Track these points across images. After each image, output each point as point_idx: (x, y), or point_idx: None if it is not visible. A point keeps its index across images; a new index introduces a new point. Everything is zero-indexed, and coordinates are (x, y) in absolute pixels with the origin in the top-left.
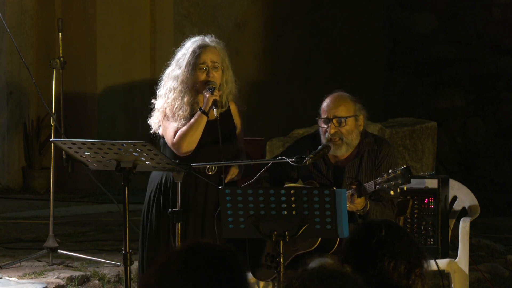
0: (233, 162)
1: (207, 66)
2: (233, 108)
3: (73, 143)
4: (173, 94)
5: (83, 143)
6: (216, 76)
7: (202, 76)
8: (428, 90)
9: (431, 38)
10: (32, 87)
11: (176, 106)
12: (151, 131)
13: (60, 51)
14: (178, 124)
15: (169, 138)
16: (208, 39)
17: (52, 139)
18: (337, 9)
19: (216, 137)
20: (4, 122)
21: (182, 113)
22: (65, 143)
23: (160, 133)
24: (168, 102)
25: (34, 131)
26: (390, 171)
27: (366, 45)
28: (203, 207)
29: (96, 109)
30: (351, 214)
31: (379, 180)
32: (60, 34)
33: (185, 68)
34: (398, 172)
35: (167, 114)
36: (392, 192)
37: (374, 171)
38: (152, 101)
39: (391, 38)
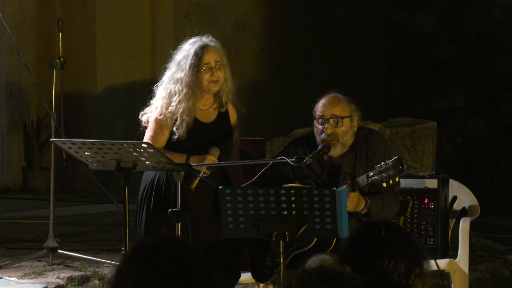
0: (232, 163)
1: (211, 66)
2: (232, 111)
3: (73, 143)
4: (178, 97)
5: (83, 143)
6: (220, 75)
7: (206, 76)
8: (428, 90)
9: (431, 38)
10: (32, 87)
11: (181, 110)
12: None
13: (60, 51)
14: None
15: (148, 139)
16: (206, 39)
17: (52, 139)
18: (337, 9)
19: (212, 141)
20: (4, 122)
21: (187, 118)
22: (65, 143)
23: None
24: (173, 106)
25: (34, 131)
26: (382, 163)
27: (366, 45)
28: (200, 207)
29: (96, 109)
30: (353, 213)
31: (371, 173)
32: (60, 34)
33: (189, 70)
34: (390, 163)
35: (164, 116)
36: (384, 184)
37: (368, 163)
38: (151, 101)
39: (391, 38)
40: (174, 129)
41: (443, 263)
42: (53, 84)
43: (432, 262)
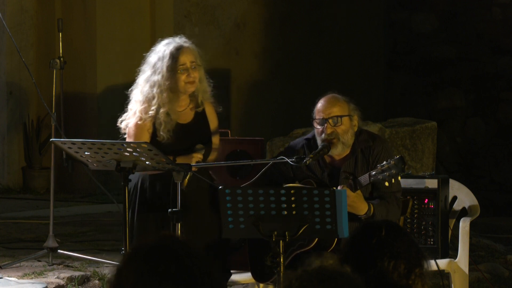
0: (233, 163)
1: (187, 67)
2: (209, 110)
3: (73, 143)
4: (157, 100)
5: (83, 143)
6: (196, 75)
7: (183, 77)
8: (428, 90)
9: (431, 38)
10: (32, 87)
11: (163, 113)
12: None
13: (60, 51)
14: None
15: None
16: (180, 40)
17: (52, 139)
18: (337, 9)
19: (192, 141)
20: (4, 122)
21: (169, 121)
22: (65, 143)
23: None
24: (153, 110)
25: (34, 131)
26: (384, 162)
27: (366, 45)
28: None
29: (96, 109)
30: (354, 215)
31: (373, 172)
32: (60, 34)
33: (166, 72)
34: (392, 162)
35: (144, 121)
36: (386, 183)
37: (369, 168)
38: (129, 106)
39: (391, 38)
40: (161, 133)
41: (443, 263)
42: (53, 84)
43: (432, 262)
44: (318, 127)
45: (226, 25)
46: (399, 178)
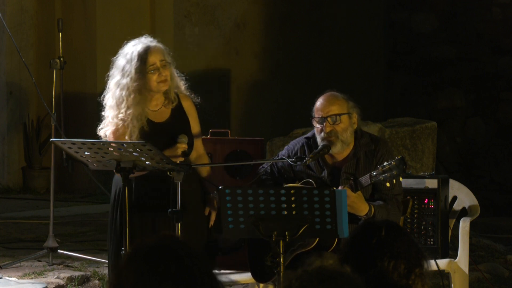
0: (233, 163)
1: (157, 66)
2: (186, 102)
3: (73, 143)
4: (126, 103)
5: (83, 143)
6: (167, 74)
7: (154, 77)
8: (428, 90)
9: (431, 38)
10: (32, 87)
11: (131, 116)
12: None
13: (60, 51)
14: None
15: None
16: (146, 40)
17: (52, 139)
18: (337, 9)
19: (171, 138)
20: (4, 122)
21: (137, 123)
22: (65, 143)
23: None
24: (122, 112)
25: (34, 131)
26: (385, 163)
27: (366, 45)
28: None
29: (96, 109)
30: (354, 216)
31: (374, 173)
32: (60, 34)
33: (135, 74)
34: (393, 163)
35: (118, 126)
36: (388, 184)
37: (372, 171)
38: (102, 113)
39: (391, 38)
40: (126, 137)
41: (443, 263)
42: (53, 84)
43: (432, 262)
44: (317, 125)
45: (226, 25)
46: (401, 179)
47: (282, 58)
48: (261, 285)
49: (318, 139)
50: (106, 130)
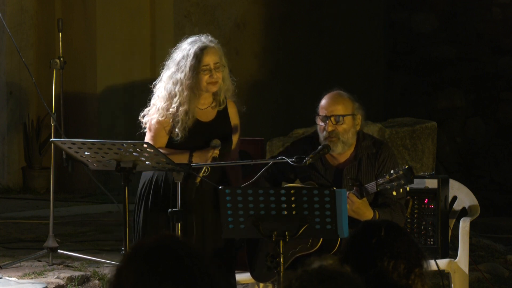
0: (232, 163)
1: (210, 67)
2: (232, 109)
3: (73, 143)
4: (179, 98)
5: (83, 143)
6: (219, 76)
7: (205, 78)
8: (428, 90)
9: (431, 38)
10: (32, 87)
11: (182, 112)
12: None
13: (60, 51)
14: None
15: (149, 140)
16: (205, 39)
17: (52, 139)
18: (337, 9)
19: (210, 139)
20: (4, 122)
21: (187, 119)
22: (65, 143)
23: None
24: (174, 107)
25: (34, 131)
26: (392, 171)
27: (366, 45)
28: (201, 208)
29: (96, 109)
30: (358, 221)
31: (381, 181)
32: (60, 34)
33: (189, 72)
34: (401, 172)
35: (166, 118)
36: (394, 193)
37: (374, 174)
38: (152, 101)
39: (391, 38)
40: (176, 130)
41: (443, 263)
42: (53, 84)
43: (432, 262)
44: (321, 123)
45: (226, 25)
46: (408, 189)
47: (282, 58)
48: (261, 285)
49: (321, 137)
50: (152, 118)
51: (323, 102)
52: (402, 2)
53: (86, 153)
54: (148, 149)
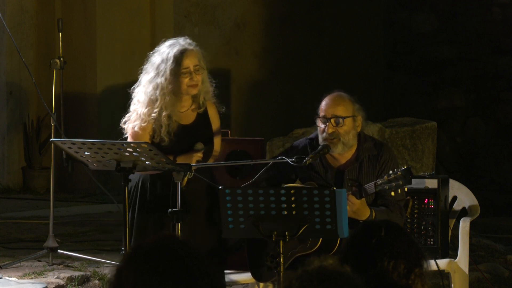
0: (232, 163)
1: (190, 70)
2: (212, 110)
3: (73, 143)
4: (160, 103)
5: (83, 143)
6: (198, 78)
7: (186, 81)
8: (428, 90)
9: (431, 38)
10: (32, 87)
11: (164, 116)
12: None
13: (60, 51)
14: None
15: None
16: (184, 42)
17: (52, 139)
18: (337, 9)
19: (193, 142)
20: (4, 122)
21: (168, 123)
22: (65, 143)
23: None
24: (156, 112)
25: (34, 131)
26: (391, 172)
27: (366, 45)
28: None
29: (96, 109)
30: (357, 221)
31: (380, 182)
32: (60, 34)
33: (169, 76)
34: (399, 173)
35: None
36: (393, 193)
37: (375, 176)
38: (132, 107)
39: (391, 38)
40: (161, 135)
41: (443, 263)
42: (53, 84)
43: (432, 262)
44: (321, 125)
45: (226, 25)
46: (406, 189)
47: (282, 58)
48: (261, 285)
49: (320, 138)
50: (134, 124)
51: (323, 103)
52: (402, 2)
53: (86, 153)
54: (148, 149)
